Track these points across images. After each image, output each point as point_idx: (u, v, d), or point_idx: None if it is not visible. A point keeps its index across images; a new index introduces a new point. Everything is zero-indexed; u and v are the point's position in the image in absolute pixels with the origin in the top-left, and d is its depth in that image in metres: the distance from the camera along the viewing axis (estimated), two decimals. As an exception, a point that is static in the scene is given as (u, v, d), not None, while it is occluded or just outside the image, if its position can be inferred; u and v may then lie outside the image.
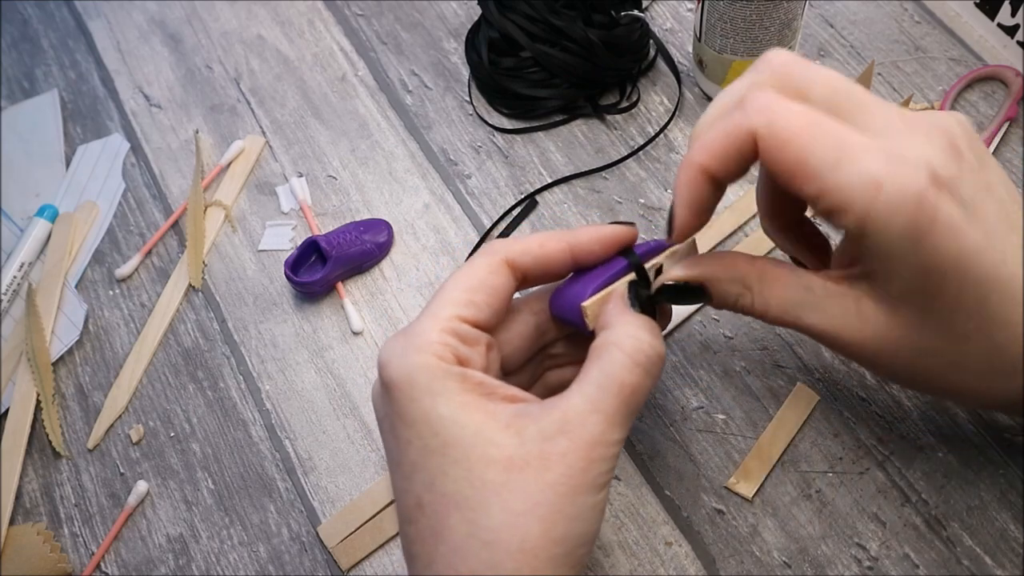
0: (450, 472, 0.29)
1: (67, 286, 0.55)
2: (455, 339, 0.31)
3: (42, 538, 0.47)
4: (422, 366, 0.30)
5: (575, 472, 0.28)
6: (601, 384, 0.29)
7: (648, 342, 0.30)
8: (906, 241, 0.27)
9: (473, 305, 0.31)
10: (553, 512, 0.28)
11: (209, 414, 0.50)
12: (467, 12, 0.61)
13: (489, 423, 0.29)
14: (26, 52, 0.66)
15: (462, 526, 0.28)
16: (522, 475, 0.28)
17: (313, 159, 0.57)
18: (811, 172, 0.28)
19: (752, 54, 0.49)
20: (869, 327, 0.30)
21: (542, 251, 0.33)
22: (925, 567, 0.41)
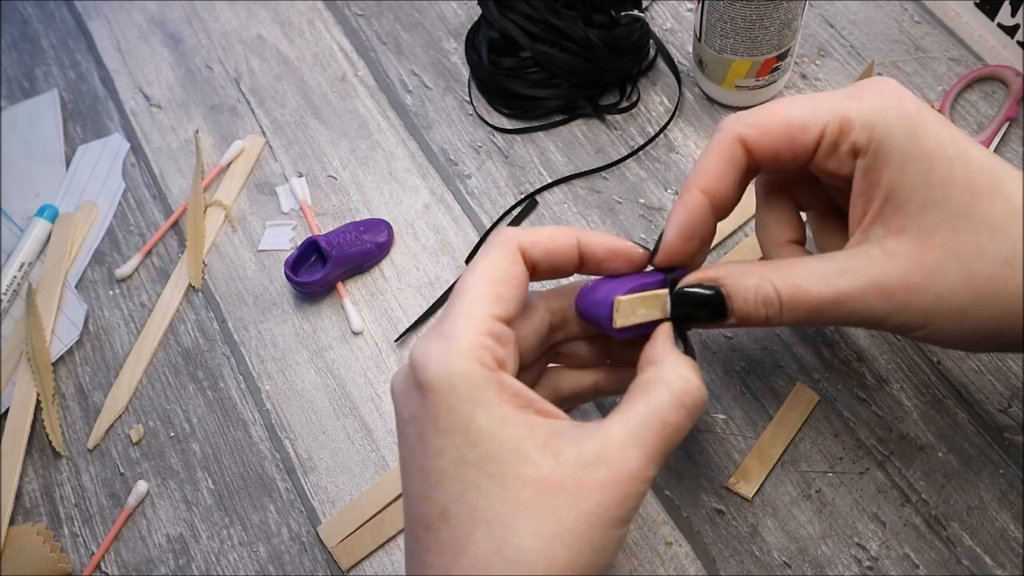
0: (484, 486, 0.28)
1: (67, 286, 0.55)
2: (492, 340, 0.30)
3: (42, 538, 0.47)
4: (464, 373, 0.29)
5: (611, 504, 0.28)
6: (645, 420, 0.29)
7: (696, 385, 0.31)
8: (906, 132, 0.30)
9: (502, 300, 0.31)
10: (582, 541, 0.28)
11: (209, 414, 0.50)
12: (467, 12, 0.61)
13: (527, 440, 0.28)
14: (26, 52, 0.66)
15: (488, 542, 0.28)
16: (556, 499, 0.28)
17: (313, 159, 0.57)
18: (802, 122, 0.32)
19: (752, 54, 0.49)
20: (900, 260, 0.30)
21: (552, 244, 0.33)
22: (925, 567, 0.41)
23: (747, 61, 0.50)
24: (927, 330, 0.31)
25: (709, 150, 0.34)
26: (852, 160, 0.32)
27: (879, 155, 0.31)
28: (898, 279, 0.30)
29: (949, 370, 0.46)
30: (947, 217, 0.30)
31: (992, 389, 0.45)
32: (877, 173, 0.31)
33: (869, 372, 0.46)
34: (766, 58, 0.50)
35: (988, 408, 0.44)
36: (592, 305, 0.34)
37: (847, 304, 0.31)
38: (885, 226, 0.31)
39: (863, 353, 0.46)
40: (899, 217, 0.30)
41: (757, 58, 0.49)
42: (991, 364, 0.45)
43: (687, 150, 0.54)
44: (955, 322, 0.30)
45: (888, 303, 0.30)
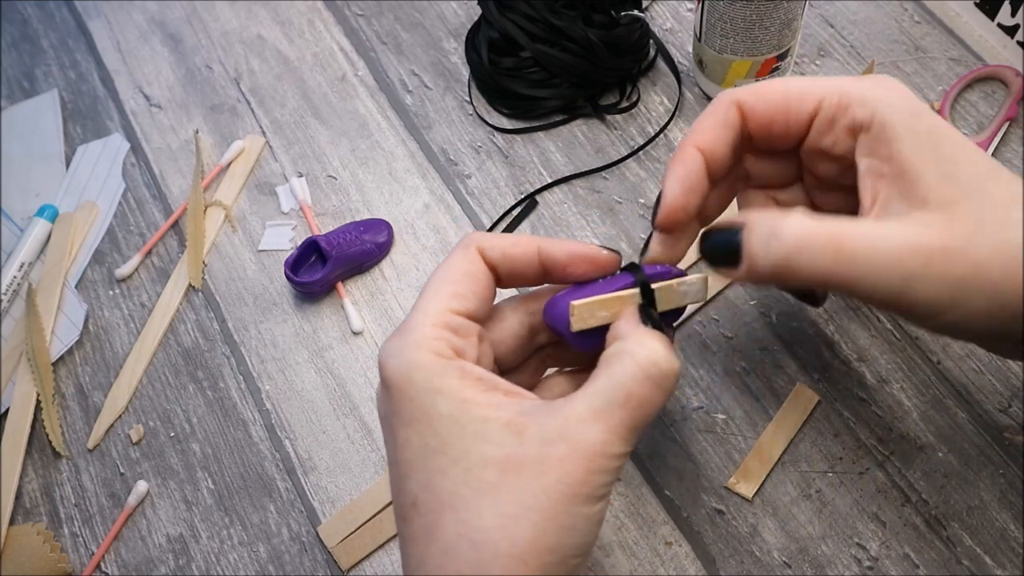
0: (448, 471, 0.28)
1: (67, 286, 0.55)
2: (448, 332, 0.30)
3: (42, 538, 0.47)
4: (420, 363, 0.29)
5: (572, 481, 0.28)
6: (608, 393, 0.29)
7: (663, 355, 0.29)
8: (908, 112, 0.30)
9: (459, 296, 0.31)
10: (546, 519, 0.27)
11: (209, 414, 0.50)
12: (467, 12, 0.61)
13: (490, 422, 0.28)
14: (26, 52, 0.66)
15: (454, 526, 0.28)
16: (517, 477, 0.28)
17: (313, 159, 0.57)
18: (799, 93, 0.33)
19: (752, 54, 0.49)
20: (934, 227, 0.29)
21: (512, 249, 0.33)
22: (925, 567, 0.41)
23: (747, 61, 0.50)
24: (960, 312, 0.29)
25: (706, 112, 0.34)
26: (849, 138, 0.32)
27: (885, 129, 0.30)
28: (938, 243, 0.28)
29: (949, 370, 0.46)
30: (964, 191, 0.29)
31: (992, 389, 0.45)
32: (887, 148, 0.30)
33: (869, 372, 0.46)
34: (766, 58, 0.50)
35: (988, 408, 0.44)
36: (553, 316, 0.34)
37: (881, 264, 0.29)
38: (906, 199, 0.30)
39: (863, 353, 0.46)
40: (919, 189, 0.29)
41: (757, 58, 0.49)
42: (991, 364, 0.45)
43: (687, 150, 0.54)
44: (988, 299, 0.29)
45: (927, 270, 0.28)
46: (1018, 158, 0.50)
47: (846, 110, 0.32)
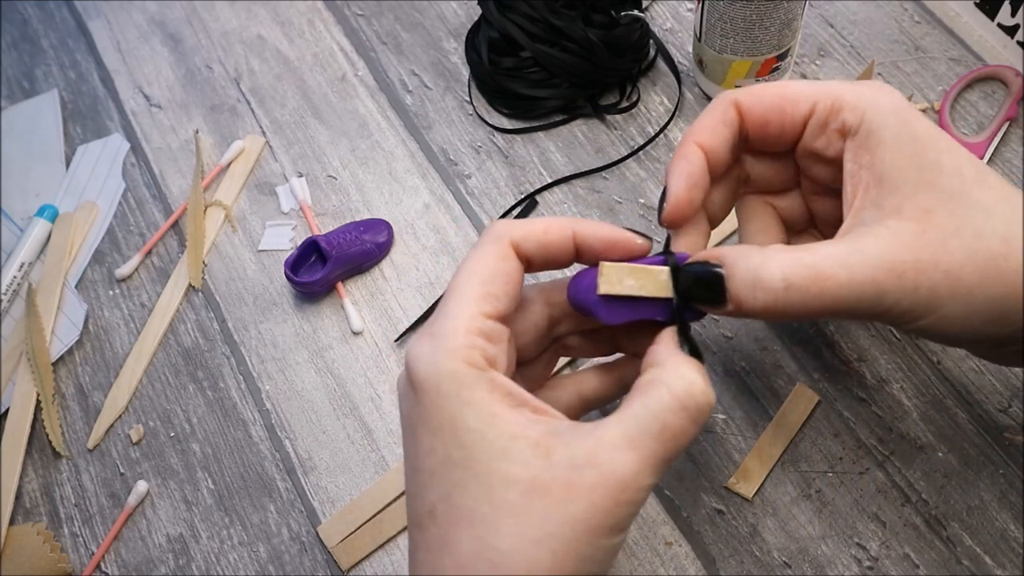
0: (469, 486, 0.28)
1: (67, 286, 0.55)
2: (482, 339, 0.29)
3: (42, 538, 0.47)
4: (451, 373, 0.28)
5: (598, 511, 0.27)
6: (642, 422, 0.28)
7: (700, 387, 0.29)
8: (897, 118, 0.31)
9: (492, 297, 0.30)
10: (567, 548, 0.27)
11: (209, 414, 0.50)
12: (467, 12, 0.61)
13: (518, 440, 0.28)
14: (26, 52, 0.66)
15: (471, 543, 0.27)
16: (542, 502, 0.27)
17: (313, 159, 0.57)
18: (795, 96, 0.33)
19: (752, 54, 0.49)
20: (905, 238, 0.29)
21: (546, 237, 0.32)
22: (925, 567, 0.41)
23: (747, 61, 0.50)
24: (935, 317, 0.29)
25: (705, 112, 0.34)
26: (840, 141, 0.32)
27: (871, 135, 0.31)
28: (908, 256, 0.29)
29: (949, 370, 0.46)
30: (941, 199, 0.29)
31: (992, 389, 0.45)
32: (869, 154, 0.31)
33: (869, 372, 0.46)
34: (766, 58, 0.50)
35: (988, 408, 0.44)
36: (580, 290, 0.33)
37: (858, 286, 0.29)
38: (879, 207, 0.30)
39: (863, 353, 0.46)
40: (894, 197, 0.30)
41: (757, 58, 0.49)
42: (991, 364, 0.45)
43: (687, 150, 0.54)
44: (963, 304, 0.29)
45: (900, 284, 0.29)
46: (1018, 158, 0.50)
47: (838, 114, 0.32)
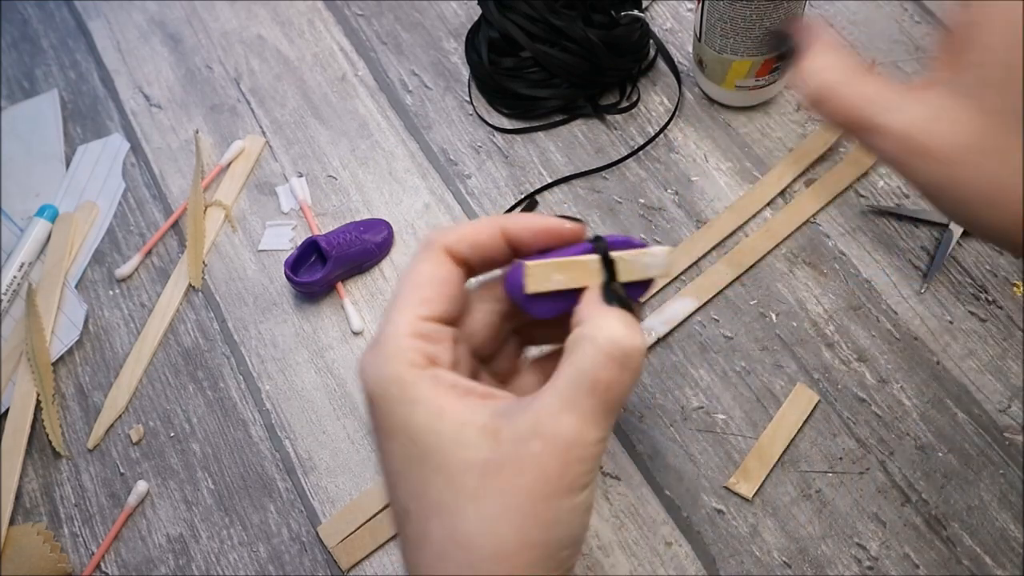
0: (431, 479, 0.28)
1: (67, 286, 0.55)
2: (420, 340, 0.30)
3: (42, 538, 0.47)
4: (394, 376, 0.29)
5: (550, 476, 0.27)
6: (574, 381, 0.28)
7: (622, 334, 0.29)
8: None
9: (428, 301, 0.31)
10: (527, 517, 0.27)
11: (209, 414, 0.50)
12: (467, 12, 0.61)
13: (466, 427, 0.28)
14: (26, 52, 0.66)
15: (442, 531, 0.28)
16: (496, 480, 0.28)
17: (313, 159, 0.57)
18: None
19: (752, 54, 0.49)
20: (959, 124, 0.27)
21: (476, 237, 0.32)
22: (925, 567, 0.41)
23: (747, 61, 0.50)
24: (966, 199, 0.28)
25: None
26: None
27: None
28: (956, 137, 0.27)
29: (949, 370, 0.46)
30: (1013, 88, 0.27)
31: (992, 389, 0.45)
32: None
33: (869, 372, 0.46)
34: (766, 58, 0.50)
35: (988, 408, 0.44)
36: (511, 288, 0.33)
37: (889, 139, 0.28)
38: (950, 86, 0.29)
39: (863, 353, 0.46)
40: (969, 78, 0.29)
41: (757, 58, 0.49)
42: (991, 364, 0.45)
43: (687, 150, 0.54)
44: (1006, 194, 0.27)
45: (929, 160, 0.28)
46: (1018, 158, 0.50)
47: None
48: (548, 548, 0.28)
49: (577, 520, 0.28)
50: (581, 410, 0.28)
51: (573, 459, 0.28)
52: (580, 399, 0.28)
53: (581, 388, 0.28)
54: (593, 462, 0.28)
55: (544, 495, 0.27)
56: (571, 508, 0.28)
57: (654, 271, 0.33)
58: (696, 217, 0.52)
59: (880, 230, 0.50)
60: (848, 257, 0.50)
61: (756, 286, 0.49)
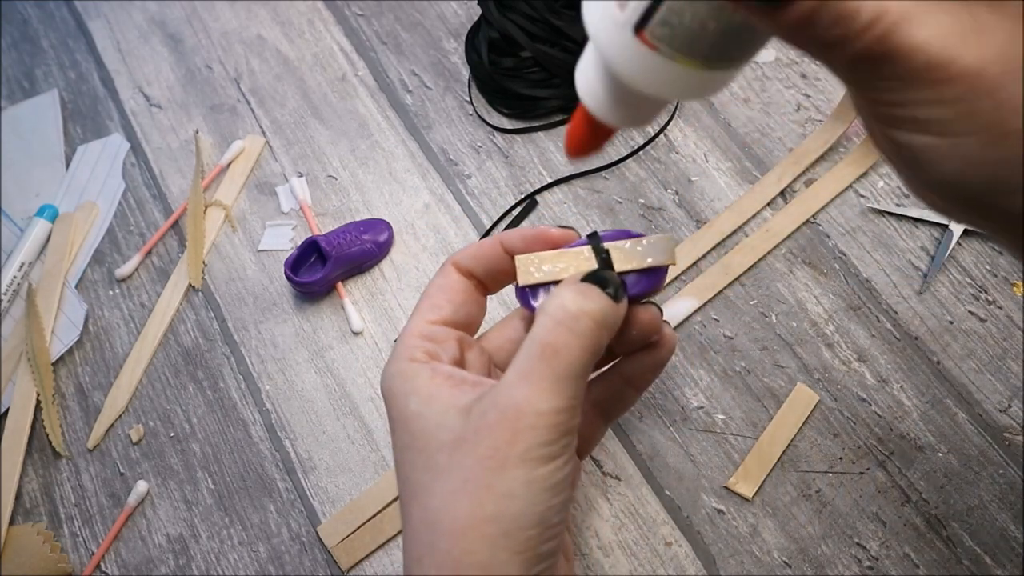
0: (416, 463, 0.29)
1: (67, 286, 0.55)
2: (424, 340, 0.32)
3: (42, 538, 0.47)
4: (397, 372, 0.31)
5: (500, 444, 0.27)
6: (527, 351, 0.28)
7: (570, 299, 0.29)
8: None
9: (434, 307, 0.33)
10: (480, 488, 0.27)
11: (209, 414, 0.50)
12: (467, 12, 0.61)
13: (450, 410, 0.29)
14: (26, 52, 0.66)
15: (418, 512, 0.29)
16: (460, 453, 0.28)
17: (313, 159, 0.57)
18: None
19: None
20: (989, 40, 0.21)
21: (479, 250, 0.34)
22: (925, 567, 0.41)
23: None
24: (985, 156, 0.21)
25: None
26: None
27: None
28: (988, 63, 0.21)
29: (949, 370, 0.46)
30: None
31: (992, 389, 0.45)
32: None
33: (869, 372, 0.46)
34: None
35: (988, 408, 0.44)
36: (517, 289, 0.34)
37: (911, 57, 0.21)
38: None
39: (863, 353, 0.46)
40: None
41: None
42: (991, 364, 0.45)
43: (687, 150, 0.54)
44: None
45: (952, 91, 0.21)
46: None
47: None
48: (503, 524, 0.27)
49: (536, 496, 0.27)
50: (532, 378, 0.28)
51: (523, 427, 0.27)
52: (532, 367, 0.28)
53: (532, 356, 0.28)
54: (549, 433, 0.28)
55: (496, 465, 0.27)
56: (527, 481, 0.27)
57: (655, 258, 0.32)
58: (696, 217, 0.52)
59: (880, 230, 0.50)
60: (848, 257, 0.50)
61: (756, 286, 0.49)
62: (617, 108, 0.27)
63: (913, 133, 0.22)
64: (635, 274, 0.32)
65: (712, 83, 0.24)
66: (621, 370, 0.36)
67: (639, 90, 0.24)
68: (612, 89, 0.26)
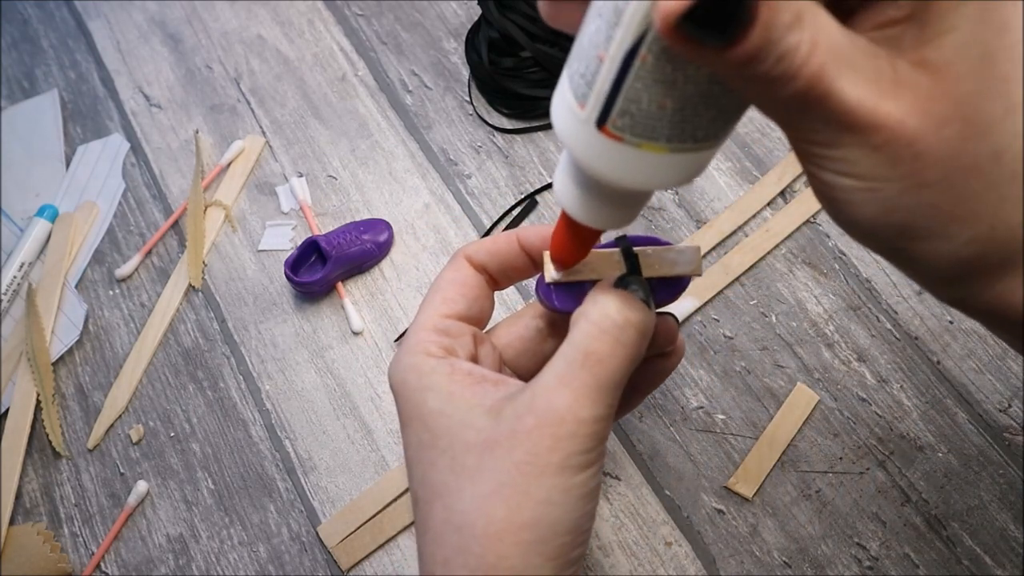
0: (438, 463, 0.29)
1: (67, 286, 0.55)
2: (438, 334, 0.31)
3: (42, 538, 0.47)
4: (412, 366, 0.30)
5: (540, 451, 0.27)
6: (568, 357, 0.28)
7: (615, 307, 0.28)
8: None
9: (448, 301, 0.32)
10: (518, 493, 0.27)
11: (209, 414, 0.50)
12: (467, 12, 0.61)
13: (475, 409, 0.29)
14: (26, 52, 0.66)
15: (440, 513, 0.28)
16: (492, 456, 0.28)
17: (313, 159, 0.57)
18: None
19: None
20: (909, 93, 0.21)
21: (494, 246, 0.34)
22: (925, 567, 0.41)
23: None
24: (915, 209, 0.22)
25: None
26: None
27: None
28: (906, 116, 0.21)
29: (949, 370, 0.46)
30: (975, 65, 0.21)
31: (992, 389, 0.45)
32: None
33: (869, 372, 0.46)
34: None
35: (988, 408, 0.44)
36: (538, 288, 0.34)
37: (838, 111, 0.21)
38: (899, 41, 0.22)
39: (863, 353, 0.46)
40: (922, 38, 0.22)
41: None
42: (991, 364, 0.45)
43: (687, 150, 0.54)
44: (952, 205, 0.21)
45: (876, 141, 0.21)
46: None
47: None
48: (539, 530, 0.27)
49: (572, 504, 0.28)
50: (574, 385, 0.28)
51: (564, 434, 0.27)
52: (574, 374, 0.28)
53: (575, 363, 0.28)
54: (588, 441, 0.28)
55: (535, 472, 0.27)
56: (565, 489, 0.27)
57: (681, 268, 0.32)
58: (696, 217, 0.52)
59: (880, 230, 0.50)
60: (848, 257, 0.50)
61: (756, 286, 0.49)
62: (596, 208, 0.27)
63: (836, 175, 0.22)
64: (658, 281, 0.32)
65: (683, 167, 0.24)
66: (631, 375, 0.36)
67: (610, 182, 0.24)
68: (589, 188, 0.26)
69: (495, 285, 0.35)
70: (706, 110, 0.23)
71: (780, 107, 0.22)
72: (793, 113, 0.22)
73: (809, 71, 0.21)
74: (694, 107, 0.22)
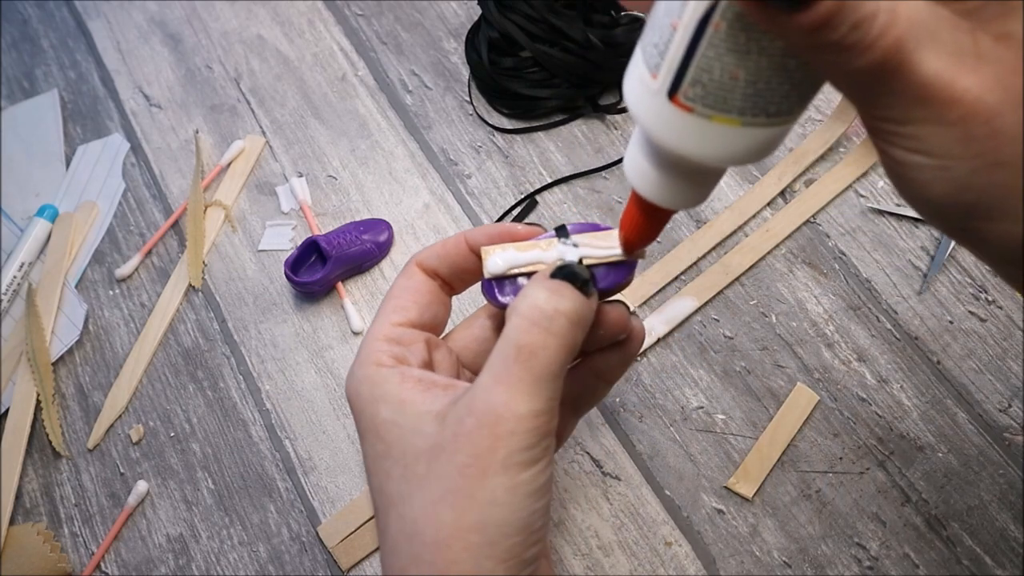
0: (392, 472, 0.28)
1: (67, 286, 0.55)
2: (390, 344, 0.31)
3: (42, 538, 0.47)
4: (364, 377, 0.30)
5: (481, 451, 0.26)
6: (503, 353, 0.27)
7: (544, 298, 0.28)
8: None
9: (400, 309, 0.32)
10: (462, 497, 0.26)
11: (209, 414, 0.50)
12: (467, 12, 0.61)
13: (424, 416, 0.28)
14: (26, 52, 0.66)
15: (396, 523, 0.28)
16: (438, 462, 0.27)
17: (313, 159, 0.57)
18: None
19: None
20: (989, 67, 0.20)
21: (443, 249, 0.33)
22: (925, 567, 0.41)
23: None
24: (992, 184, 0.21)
25: None
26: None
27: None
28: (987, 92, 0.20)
29: (949, 370, 0.46)
30: None
31: (992, 389, 0.45)
32: None
33: (869, 372, 0.46)
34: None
35: (988, 408, 0.44)
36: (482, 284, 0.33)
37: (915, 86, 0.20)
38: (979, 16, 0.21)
39: (863, 353, 0.46)
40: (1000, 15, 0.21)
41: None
42: (991, 364, 0.45)
43: (687, 150, 0.54)
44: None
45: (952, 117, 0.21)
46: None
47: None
48: (487, 533, 0.26)
49: (519, 503, 0.27)
50: (509, 381, 0.27)
51: (504, 432, 0.27)
52: (508, 370, 0.27)
53: (508, 358, 0.27)
54: (530, 437, 0.27)
55: (478, 473, 0.26)
56: (510, 488, 0.27)
57: (617, 252, 0.31)
58: (696, 217, 0.52)
59: (880, 230, 0.50)
60: (848, 257, 0.50)
61: (756, 286, 0.49)
62: (667, 186, 0.26)
63: (907, 151, 0.22)
64: (604, 268, 0.31)
65: (754, 142, 0.23)
66: (591, 364, 0.35)
67: (680, 156, 0.24)
68: (659, 165, 0.26)
69: (450, 290, 0.34)
70: (779, 84, 0.22)
71: (853, 80, 0.21)
72: (866, 87, 0.21)
73: (886, 42, 0.20)
74: (767, 80, 0.22)
